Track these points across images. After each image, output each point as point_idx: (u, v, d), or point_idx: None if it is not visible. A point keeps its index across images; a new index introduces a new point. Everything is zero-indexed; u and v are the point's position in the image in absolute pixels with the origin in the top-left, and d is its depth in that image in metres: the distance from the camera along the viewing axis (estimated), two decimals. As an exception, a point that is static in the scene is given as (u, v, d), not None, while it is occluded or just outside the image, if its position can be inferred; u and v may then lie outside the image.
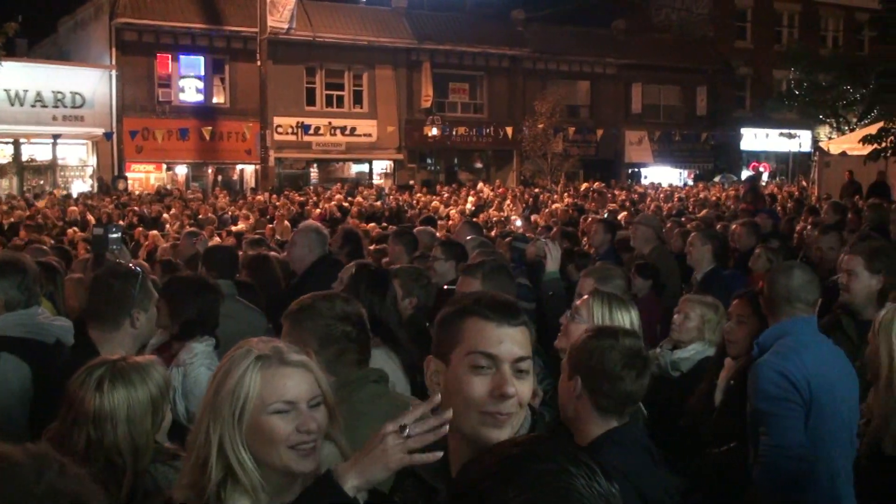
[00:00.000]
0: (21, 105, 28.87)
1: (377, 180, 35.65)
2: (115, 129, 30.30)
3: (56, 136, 29.69)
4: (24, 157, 30.31)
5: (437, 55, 36.34)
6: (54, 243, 11.50)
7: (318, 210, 20.80)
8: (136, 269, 3.98)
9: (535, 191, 28.88)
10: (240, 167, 34.27)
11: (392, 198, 25.38)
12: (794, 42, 41.06)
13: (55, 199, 23.92)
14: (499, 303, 1.97)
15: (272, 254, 7.90)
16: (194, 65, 32.78)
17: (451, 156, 39.30)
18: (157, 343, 4.62)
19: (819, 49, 40.10)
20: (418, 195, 27.20)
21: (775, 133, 41.76)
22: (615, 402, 2.85)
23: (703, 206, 19.76)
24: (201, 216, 19.36)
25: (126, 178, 30.29)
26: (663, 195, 26.60)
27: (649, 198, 25.23)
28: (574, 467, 1.34)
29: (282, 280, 6.87)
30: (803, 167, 37.98)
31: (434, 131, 35.52)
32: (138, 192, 27.50)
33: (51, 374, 3.59)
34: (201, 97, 32.92)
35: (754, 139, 43.79)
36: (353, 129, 35.14)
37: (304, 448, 2.08)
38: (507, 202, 24.42)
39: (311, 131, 34.13)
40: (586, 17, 39.44)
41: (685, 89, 42.64)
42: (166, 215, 19.98)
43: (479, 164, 40.15)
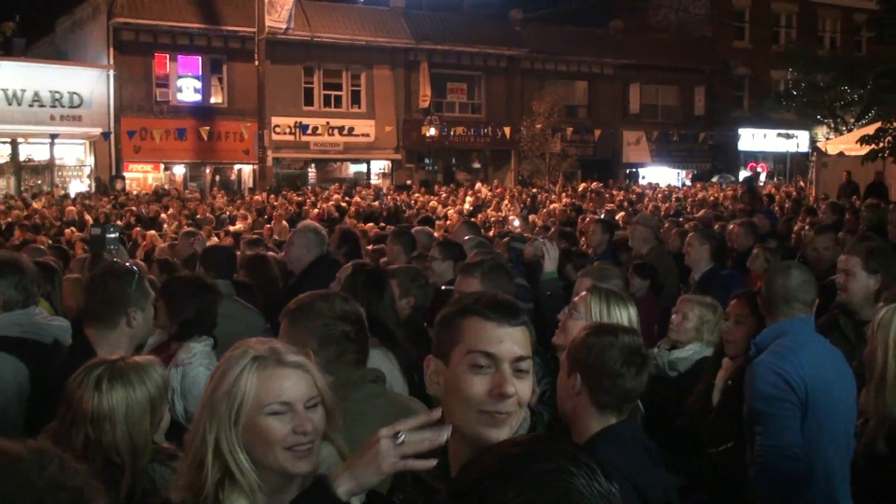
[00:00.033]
0: (18, 105, 28.84)
1: (375, 180, 35.64)
2: (112, 129, 30.25)
3: (54, 136, 29.65)
4: (22, 157, 30.32)
5: (435, 55, 36.33)
6: (52, 243, 11.49)
7: (316, 210, 20.79)
8: (133, 268, 3.97)
9: (533, 191, 28.87)
10: (238, 167, 34.26)
11: (390, 198, 25.36)
12: (792, 42, 41.07)
13: (52, 199, 23.91)
14: (499, 302, 1.97)
15: (270, 254, 7.89)
16: (192, 65, 32.79)
17: (448, 156, 39.29)
18: (155, 343, 4.62)
19: (817, 50, 40.10)
20: (416, 195, 27.19)
21: (773, 133, 41.79)
22: (614, 399, 2.84)
23: (701, 206, 19.77)
24: (199, 216, 19.36)
25: (124, 178, 30.27)
26: (661, 195, 26.60)
27: (647, 198, 25.22)
28: (574, 467, 1.35)
29: (279, 280, 6.87)
30: (801, 167, 38.00)
31: (432, 131, 35.51)
32: (136, 192, 27.47)
33: (48, 375, 3.59)
34: (199, 97, 32.89)
35: (752, 139, 43.80)
36: (351, 129, 35.13)
37: (300, 449, 2.06)
38: (505, 202, 24.41)
39: (309, 131, 34.10)
40: (584, 17, 39.46)
41: (683, 89, 42.65)
42: (164, 215, 19.96)
43: (477, 164, 40.15)
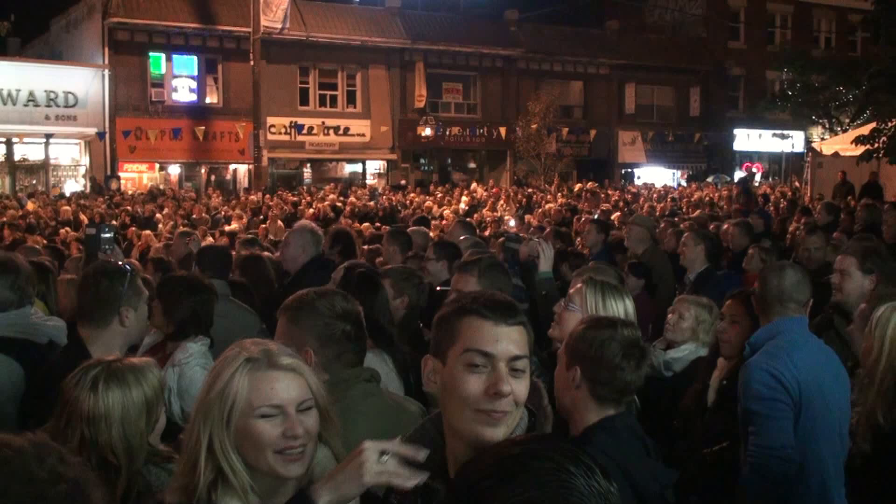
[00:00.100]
0: (13, 104, 28.77)
1: (370, 180, 35.61)
2: (107, 129, 30.20)
3: (48, 136, 29.62)
4: (17, 157, 30.26)
5: (431, 55, 36.30)
6: (47, 243, 11.47)
7: (311, 210, 20.77)
8: (126, 267, 3.96)
9: (529, 191, 28.85)
10: (233, 167, 34.22)
11: (385, 198, 25.34)
12: (787, 43, 41.15)
13: (47, 199, 23.87)
14: (496, 302, 1.97)
15: (265, 254, 7.88)
16: (187, 64, 32.73)
17: (444, 156, 39.29)
18: (151, 342, 4.61)
19: (812, 50, 40.19)
20: (412, 195, 27.15)
21: (768, 134, 41.83)
22: (614, 392, 2.86)
23: (697, 206, 19.79)
24: (195, 216, 19.33)
25: (119, 178, 30.19)
26: (656, 195, 26.62)
27: (642, 198, 25.25)
28: (573, 466, 1.36)
29: (275, 280, 6.86)
30: (796, 168, 38.10)
31: (427, 131, 35.51)
32: (131, 192, 27.44)
33: (43, 375, 3.58)
34: (194, 97, 32.84)
35: (747, 140, 43.87)
36: (347, 128, 35.11)
37: (291, 453, 2.06)
38: (501, 202, 24.42)
39: (305, 131, 34.07)
40: (580, 18, 39.50)
41: (678, 90, 42.68)
42: (159, 215, 19.93)
43: (472, 165, 40.16)
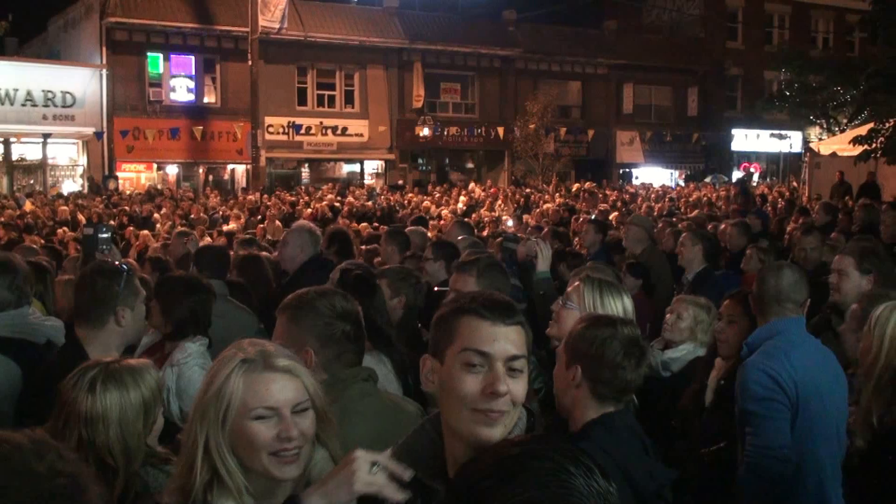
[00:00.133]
0: (11, 104, 28.74)
1: (368, 180, 35.63)
2: (105, 129, 30.18)
3: (46, 136, 29.57)
4: (14, 157, 30.24)
5: (429, 55, 36.31)
6: (44, 243, 11.46)
7: (309, 210, 20.76)
8: (122, 266, 3.95)
9: (527, 191, 28.85)
10: (231, 167, 34.20)
11: (383, 198, 25.34)
12: (785, 43, 41.17)
13: (45, 199, 23.84)
14: (494, 301, 1.97)
15: (263, 254, 7.88)
16: (185, 64, 32.72)
17: (442, 156, 39.29)
18: (149, 342, 4.60)
19: (810, 50, 40.21)
20: (409, 195, 27.16)
21: (766, 134, 41.86)
22: (615, 391, 2.86)
23: (694, 206, 19.79)
24: (193, 216, 19.32)
25: (117, 178, 30.18)
26: (654, 195, 26.62)
27: (640, 198, 25.25)
28: (573, 466, 1.37)
29: (273, 280, 6.85)
30: (794, 168, 38.10)
31: (425, 131, 35.51)
32: (129, 192, 27.43)
33: (41, 375, 3.58)
34: (192, 97, 32.82)
35: (745, 140, 43.90)
36: (345, 128, 35.10)
37: (286, 455, 2.05)
38: (499, 202, 24.42)
39: (303, 131, 34.07)
40: (577, 18, 39.58)
41: (676, 90, 42.70)
42: (157, 215, 19.90)
43: (470, 165, 40.16)
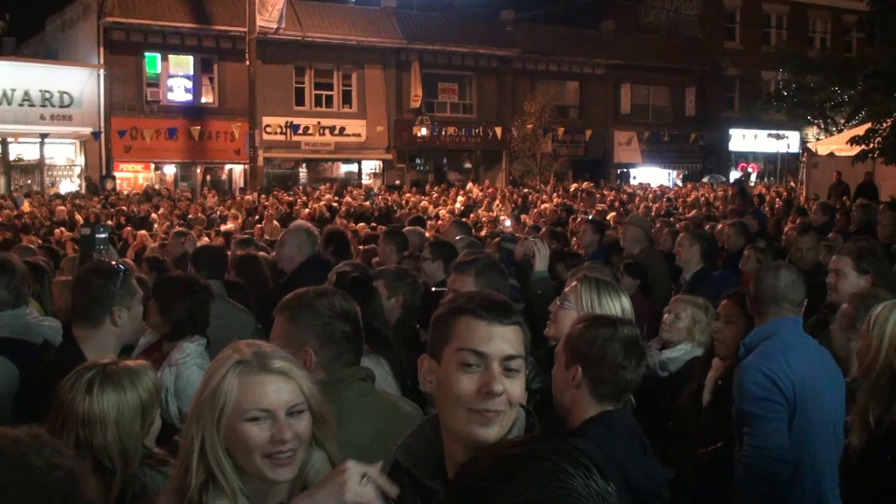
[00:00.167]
0: (9, 104, 28.71)
1: (366, 180, 35.62)
2: (103, 129, 30.14)
3: (44, 136, 29.53)
4: (12, 157, 30.21)
5: (427, 55, 36.30)
6: (42, 243, 11.45)
7: (307, 210, 20.75)
8: (119, 266, 3.95)
9: (525, 191, 28.85)
10: (228, 167, 34.16)
11: (381, 198, 25.34)
12: (783, 43, 41.20)
13: (42, 199, 23.82)
14: (492, 301, 1.97)
15: (261, 254, 7.88)
16: (183, 64, 32.68)
17: (440, 156, 39.28)
18: (146, 343, 4.59)
19: (807, 50, 40.25)
20: (407, 195, 27.15)
21: (764, 134, 41.92)
22: (615, 390, 2.86)
23: (692, 206, 19.81)
24: (191, 216, 19.30)
25: (114, 178, 30.16)
26: (652, 195, 26.63)
27: (638, 198, 25.26)
28: (571, 467, 1.38)
29: (270, 280, 6.85)
30: (791, 168, 38.15)
31: (423, 131, 35.50)
32: (126, 192, 27.38)
33: (38, 375, 3.58)
34: (190, 97, 32.80)
35: (743, 140, 43.92)
36: (343, 128, 35.09)
37: (280, 457, 2.04)
38: (497, 202, 24.40)
39: (300, 131, 34.05)
40: (575, 18, 39.51)
41: (674, 90, 42.72)
42: (154, 215, 19.88)
43: (468, 165, 40.15)
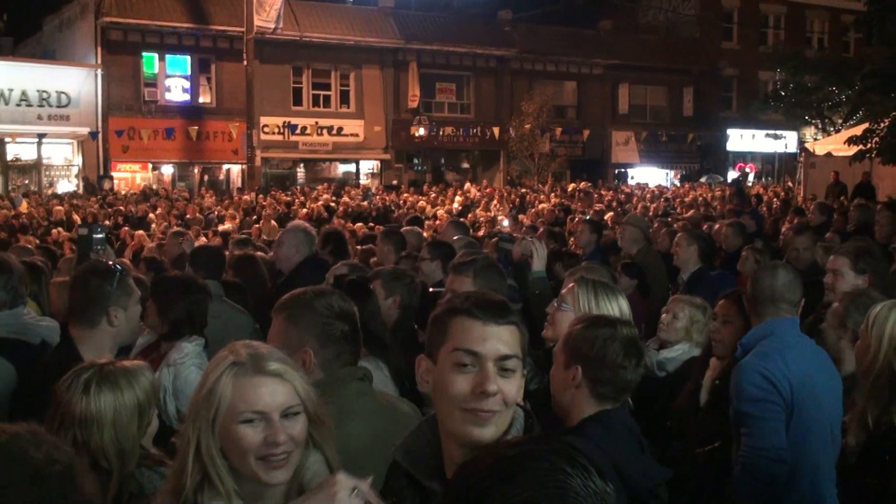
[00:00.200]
0: (6, 104, 28.69)
1: (364, 180, 35.61)
2: (100, 129, 30.12)
3: (41, 136, 29.50)
4: (9, 157, 30.19)
5: (424, 55, 36.30)
6: (39, 243, 11.44)
7: (304, 210, 20.75)
8: (115, 266, 3.94)
9: (522, 191, 28.86)
10: (226, 167, 34.17)
11: (379, 198, 25.34)
12: (780, 43, 41.23)
13: (40, 199, 23.81)
14: (488, 301, 1.98)
15: (258, 254, 7.88)
16: (180, 64, 32.67)
17: (437, 156, 39.29)
18: (144, 343, 4.58)
19: (805, 50, 40.27)
20: (405, 195, 27.16)
21: (761, 134, 41.95)
22: (615, 390, 2.87)
23: (690, 206, 19.81)
24: (188, 216, 19.30)
25: (112, 178, 30.13)
26: (650, 195, 26.64)
27: (636, 198, 25.27)
28: (570, 467, 1.39)
29: (268, 280, 6.85)
30: (789, 168, 38.15)
31: (421, 131, 35.50)
32: (124, 192, 27.38)
33: (35, 375, 3.57)
34: (187, 97, 32.80)
35: (740, 140, 43.93)
36: (340, 128, 35.08)
37: (274, 460, 2.04)
38: (494, 202, 24.40)
39: (298, 131, 34.04)
40: (573, 18, 39.53)
41: (672, 90, 42.74)
42: (152, 215, 19.88)
43: (465, 165, 40.16)
